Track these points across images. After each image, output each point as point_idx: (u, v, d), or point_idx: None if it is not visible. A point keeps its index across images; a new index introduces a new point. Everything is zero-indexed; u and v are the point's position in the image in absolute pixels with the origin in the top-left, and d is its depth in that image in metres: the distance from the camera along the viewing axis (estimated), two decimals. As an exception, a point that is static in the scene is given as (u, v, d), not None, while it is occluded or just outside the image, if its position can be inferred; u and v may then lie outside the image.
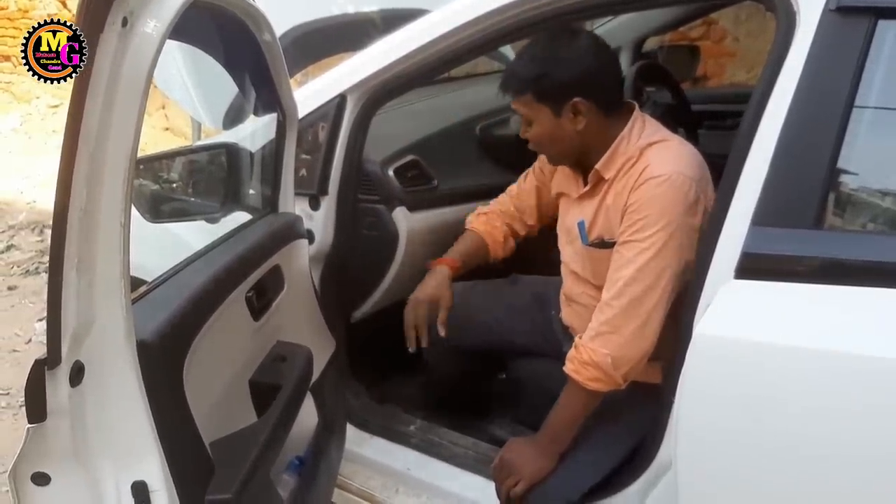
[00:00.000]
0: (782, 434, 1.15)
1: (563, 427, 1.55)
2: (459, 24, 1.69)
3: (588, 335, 1.49)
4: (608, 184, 1.56)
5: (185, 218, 1.98)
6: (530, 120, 1.57)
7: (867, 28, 1.16)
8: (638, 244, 1.44)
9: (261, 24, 1.45)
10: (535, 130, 1.58)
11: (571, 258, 1.71)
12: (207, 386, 1.28)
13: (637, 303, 1.44)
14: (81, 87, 0.86)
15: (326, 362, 1.83)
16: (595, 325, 1.48)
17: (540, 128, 1.57)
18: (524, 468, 1.54)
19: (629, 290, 1.44)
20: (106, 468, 1.08)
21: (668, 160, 1.47)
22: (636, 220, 1.45)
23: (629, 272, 1.44)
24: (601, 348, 1.45)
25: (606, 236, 1.57)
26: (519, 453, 1.58)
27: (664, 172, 1.44)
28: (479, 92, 2.88)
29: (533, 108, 1.55)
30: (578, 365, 1.48)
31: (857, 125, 1.18)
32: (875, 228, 1.24)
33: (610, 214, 1.55)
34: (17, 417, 2.96)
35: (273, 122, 1.70)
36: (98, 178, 0.93)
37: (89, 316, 0.99)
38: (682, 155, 1.50)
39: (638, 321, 1.44)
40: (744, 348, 1.16)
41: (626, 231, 1.47)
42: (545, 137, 1.58)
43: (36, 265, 4.41)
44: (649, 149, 1.51)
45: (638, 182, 1.47)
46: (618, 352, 1.44)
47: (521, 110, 1.58)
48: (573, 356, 1.50)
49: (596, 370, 1.45)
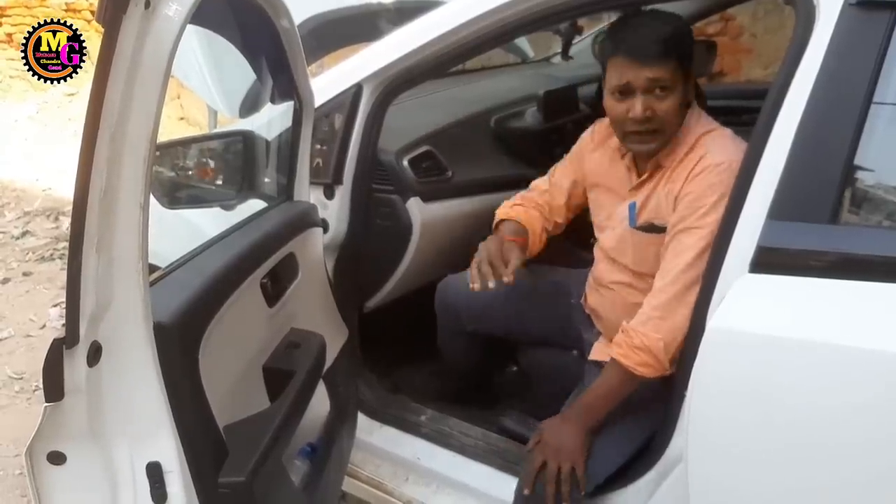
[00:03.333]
0: (794, 428, 1.15)
1: (599, 407, 1.54)
2: (475, 16, 1.68)
3: (638, 320, 1.48)
4: (663, 172, 1.55)
5: (201, 205, 1.99)
6: (671, 86, 1.47)
7: (887, 23, 1.16)
8: (699, 230, 1.44)
9: (279, 10, 1.46)
10: (672, 100, 1.48)
11: (611, 242, 1.69)
12: (222, 370, 1.29)
13: (689, 290, 1.43)
14: (104, 69, 0.87)
15: (339, 350, 1.84)
16: (647, 309, 1.48)
17: (677, 96, 1.49)
18: (568, 446, 1.51)
19: (684, 277, 1.44)
20: (121, 448, 1.09)
21: (725, 148, 1.48)
22: (697, 207, 1.45)
23: (688, 258, 1.44)
24: (653, 332, 1.45)
25: (657, 220, 1.56)
26: (559, 433, 1.55)
27: (724, 160, 1.44)
28: (493, 84, 2.88)
29: (674, 73, 1.47)
30: (628, 349, 1.47)
31: (876, 121, 1.17)
32: (891, 224, 1.23)
33: (661, 200, 1.54)
34: (30, 402, 2.98)
35: (289, 110, 1.71)
36: (118, 160, 0.94)
37: (107, 296, 1.00)
38: (738, 145, 1.49)
39: (688, 307, 1.42)
40: (757, 342, 1.16)
41: (687, 218, 1.46)
42: (677, 108, 1.50)
43: (51, 252, 4.44)
44: (705, 136, 1.52)
45: (696, 170, 1.47)
46: (669, 336, 1.44)
47: (663, 73, 1.46)
48: (621, 340, 1.49)
49: (647, 355, 1.45)
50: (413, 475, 1.92)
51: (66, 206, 5.12)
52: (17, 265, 4.29)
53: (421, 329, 2.10)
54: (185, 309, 1.16)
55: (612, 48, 1.50)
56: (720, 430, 1.23)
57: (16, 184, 5.67)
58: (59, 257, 4.36)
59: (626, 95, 1.49)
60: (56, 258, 4.35)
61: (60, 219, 4.95)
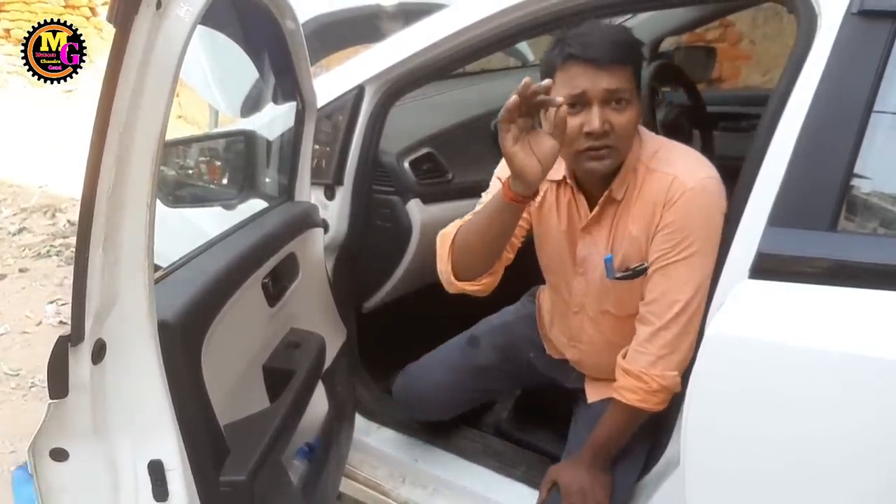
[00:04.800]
0: (791, 434, 1.15)
1: (614, 446, 1.52)
2: (477, 20, 1.69)
3: (645, 361, 1.41)
4: (618, 206, 1.44)
5: (203, 204, 2.00)
6: (629, 97, 1.35)
7: (889, 32, 1.16)
8: (689, 261, 1.36)
9: (284, 11, 1.47)
10: (630, 114, 1.36)
11: (583, 293, 1.58)
12: (223, 369, 1.30)
13: (695, 316, 1.38)
14: (114, 68, 0.87)
15: (338, 351, 1.85)
16: (654, 349, 1.40)
17: (635, 110, 1.36)
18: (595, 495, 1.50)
19: (688, 309, 1.37)
20: (123, 446, 1.10)
21: (690, 167, 1.39)
22: (681, 238, 1.36)
23: (688, 293, 1.37)
24: (668, 371, 1.40)
25: (633, 263, 1.45)
26: (580, 481, 1.52)
27: (696, 182, 1.35)
28: (494, 87, 2.89)
29: (632, 82, 1.35)
30: (646, 395, 1.41)
31: (876, 129, 1.18)
32: (890, 232, 1.24)
33: (633, 238, 1.43)
34: (26, 399, 2.98)
35: (292, 110, 1.72)
36: (127, 159, 0.94)
37: (113, 294, 1.00)
38: (694, 155, 1.43)
39: (695, 332, 1.38)
40: (756, 348, 1.16)
41: (671, 252, 1.37)
42: (634, 124, 1.38)
43: (47, 248, 4.43)
44: (654, 159, 1.41)
45: (671, 198, 1.36)
46: (682, 366, 1.39)
47: (623, 83, 1.34)
48: (635, 387, 1.42)
49: (665, 394, 1.41)
50: (410, 477, 1.92)
51: (63, 202, 5.11)
52: (13, 261, 4.28)
53: (419, 330, 2.11)
54: (188, 308, 1.16)
55: (562, 55, 1.34)
56: (717, 434, 1.23)
57: (12, 180, 5.66)
58: (55, 254, 4.36)
59: (581, 107, 1.34)
60: (52, 255, 4.35)
61: (57, 215, 4.95)
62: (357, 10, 2.84)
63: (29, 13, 7.88)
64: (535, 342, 1.81)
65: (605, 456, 1.53)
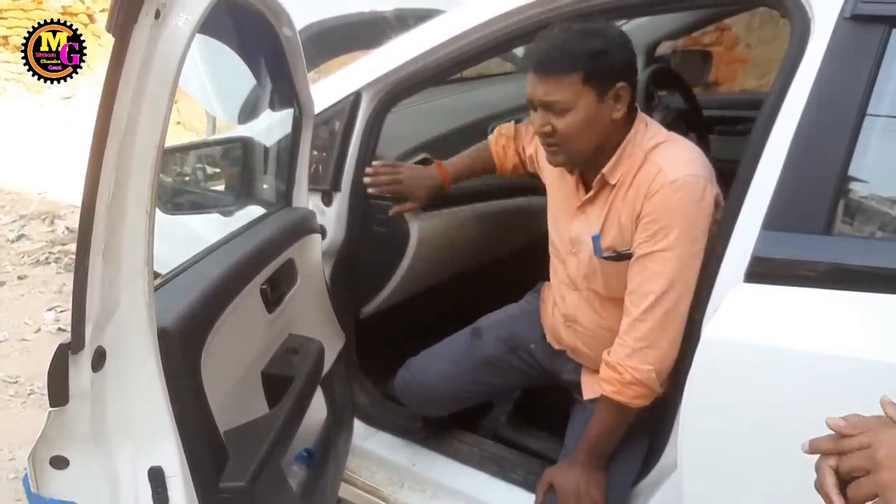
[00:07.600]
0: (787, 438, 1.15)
1: (605, 444, 1.54)
2: (474, 25, 1.70)
3: (623, 353, 1.44)
4: (613, 190, 1.48)
5: (201, 211, 2.00)
6: (567, 106, 1.41)
7: (882, 36, 1.17)
8: (663, 254, 1.39)
9: (282, 18, 1.47)
10: (571, 119, 1.41)
11: (576, 271, 1.61)
12: (223, 375, 1.30)
13: (672, 313, 1.40)
14: (113, 77, 0.88)
15: (336, 356, 1.85)
16: (630, 341, 1.43)
17: (579, 115, 1.41)
18: (590, 495, 1.52)
19: (663, 303, 1.39)
20: (123, 453, 1.10)
21: (679, 162, 1.41)
22: (657, 229, 1.39)
23: (660, 285, 1.39)
24: (642, 365, 1.41)
25: (619, 247, 1.49)
26: (574, 481, 1.54)
27: (678, 176, 1.38)
28: (490, 92, 2.89)
29: (576, 90, 1.39)
30: (621, 386, 1.44)
31: (870, 133, 1.19)
32: (885, 235, 1.25)
33: (622, 224, 1.47)
34: (24, 406, 2.98)
35: (289, 117, 1.72)
36: (126, 167, 0.95)
37: (113, 302, 1.01)
38: (690, 154, 1.45)
39: (674, 331, 1.41)
40: (751, 352, 1.17)
41: (648, 242, 1.41)
42: (580, 127, 1.42)
43: (46, 255, 4.43)
44: (654, 151, 1.45)
45: (652, 189, 1.40)
46: (659, 364, 1.42)
47: (557, 94, 1.40)
48: (612, 377, 1.45)
49: (640, 387, 1.43)
50: (408, 481, 1.93)
51: (62, 209, 5.11)
52: (12, 269, 4.27)
53: (417, 335, 2.11)
54: (187, 315, 1.17)
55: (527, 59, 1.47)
56: (713, 438, 1.23)
57: (11, 187, 5.65)
58: (54, 261, 4.35)
59: (534, 109, 1.47)
60: (51, 262, 4.34)
61: (56, 222, 4.94)
62: (354, 17, 2.84)
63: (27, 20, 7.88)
64: (538, 333, 1.84)
65: (599, 455, 1.54)
